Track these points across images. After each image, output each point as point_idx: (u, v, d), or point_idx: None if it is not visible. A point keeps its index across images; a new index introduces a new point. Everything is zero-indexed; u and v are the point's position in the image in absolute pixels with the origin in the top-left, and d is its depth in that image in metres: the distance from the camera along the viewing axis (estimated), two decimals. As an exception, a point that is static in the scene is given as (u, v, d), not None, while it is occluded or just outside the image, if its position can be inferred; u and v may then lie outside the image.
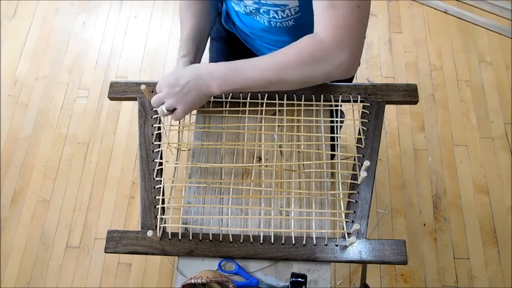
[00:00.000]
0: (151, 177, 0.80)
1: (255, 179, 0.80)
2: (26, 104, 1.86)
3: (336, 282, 1.49)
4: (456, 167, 1.65)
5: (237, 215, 0.78)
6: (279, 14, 0.83)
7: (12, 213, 1.66)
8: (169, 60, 1.93)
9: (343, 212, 0.76)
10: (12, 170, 1.73)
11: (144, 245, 0.75)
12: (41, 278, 1.55)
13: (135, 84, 0.88)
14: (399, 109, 1.76)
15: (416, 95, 0.85)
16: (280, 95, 0.86)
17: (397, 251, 0.72)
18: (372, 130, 0.82)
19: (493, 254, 1.51)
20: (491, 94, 1.78)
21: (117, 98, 0.89)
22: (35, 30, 2.03)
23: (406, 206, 1.60)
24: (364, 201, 0.76)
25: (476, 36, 1.90)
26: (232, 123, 0.86)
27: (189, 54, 0.87)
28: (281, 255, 0.73)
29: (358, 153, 0.80)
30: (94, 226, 1.62)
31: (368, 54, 1.87)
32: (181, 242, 0.75)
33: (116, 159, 1.74)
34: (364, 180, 0.77)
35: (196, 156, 0.84)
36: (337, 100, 0.85)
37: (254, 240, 0.74)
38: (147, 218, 0.77)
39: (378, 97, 0.85)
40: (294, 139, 0.83)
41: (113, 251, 0.75)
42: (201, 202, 0.79)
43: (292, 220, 0.76)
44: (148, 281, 1.53)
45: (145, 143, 0.83)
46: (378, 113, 0.83)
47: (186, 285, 0.68)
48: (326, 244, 0.73)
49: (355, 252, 0.73)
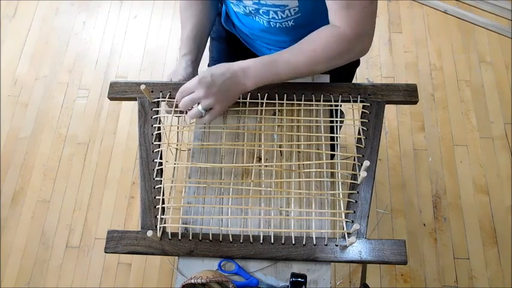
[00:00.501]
0: (151, 177, 0.80)
1: (255, 179, 0.80)
2: (26, 104, 1.86)
3: (336, 282, 1.49)
4: (456, 167, 1.65)
5: (236, 215, 0.78)
6: (279, 14, 0.83)
7: (12, 213, 1.66)
8: (169, 60, 1.93)
9: (343, 212, 0.76)
10: (12, 170, 1.73)
11: (144, 245, 0.75)
12: (41, 278, 1.55)
13: (135, 84, 0.88)
14: (399, 109, 1.76)
15: (416, 95, 0.85)
16: (280, 95, 0.86)
17: (397, 251, 0.72)
18: (372, 130, 0.82)
19: (493, 254, 1.51)
20: (491, 94, 1.78)
21: (117, 98, 0.89)
22: (35, 30, 2.03)
23: (406, 206, 1.60)
24: (364, 201, 0.76)
25: (476, 36, 1.90)
26: (232, 123, 0.86)
27: (190, 53, 0.88)
28: (281, 255, 0.73)
29: (358, 153, 0.80)
30: (94, 226, 1.62)
31: (368, 54, 1.87)
32: (181, 242, 0.75)
33: (116, 159, 1.74)
34: (364, 180, 0.77)
35: (196, 156, 0.84)
36: (337, 100, 0.85)
37: (254, 240, 0.74)
38: (147, 218, 0.77)
39: (377, 97, 0.85)
40: (293, 139, 0.83)
41: (113, 251, 0.75)
42: (201, 202, 0.79)
43: (292, 220, 0.76)
44: (148, 281, 1.53)
45: (145, 143, 0.83)
46: (378, 113, 0.83)
47: (186, 285, 0.68)
48: (326, 244, 0.73)
49: (355, 252, 0.73)
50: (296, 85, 0.87)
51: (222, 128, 0.84)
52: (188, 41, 0.88)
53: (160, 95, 0.86)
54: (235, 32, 1.05)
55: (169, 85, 0.87)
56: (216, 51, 1.11)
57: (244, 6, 0.84)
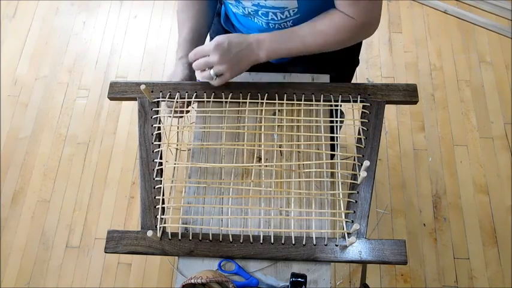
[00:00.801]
0: (151, 177, 0.80)
1: (255, 179, 0.80)
2: (26, 104, 1.86)
3: (336, 282, 1.49)
4: (456, 167, 1.65)
5: (237, 215, 0.78)
6: (278, 15, 0.83)
7: (12, 213, 1.66)
8: (169, 60, 1.93)
9: (343, 212, 0.76)
10: (12, 170, 1.73)
11: (144, 245, 0.75)
12: (41, 278, 1.55)
13: (135, 84, 0.88)
14: (399, 109, 1.76)
15: (416, 95, 0.86)
16: (280, 95, 0.86)
17: (397, 251, 0.72)
18: (372, 130, 0.82)
19: (493, 254, 1.51)
20: (491, 94, 1.78)
21: (117, 98, 0.89)
22: (35, 30, 2.03)
23: (406, 206, 1.60)
24: (364, 201, 0.76)
25: (476, 36, 1.90)
26: (232, 123, 0.86)
27: (188, 56, 0.88)
28: (281, 255, 0.73)
29: (358, 153, 0.80)
30: (94, 226, 1.62)
31: (368, 54, 1.87)
32: (181, 242, 0.75)
33: (116, 159, 1.74)
34: (364, 180, 0.77)
35: (196, 156, 0.84)
36: (337, 100, 0.85)
37: (254, 240, 0.74)
38: (147, 218, 0.77)
39: (377, 97, 0.85)
40: (293, 139, 0.83)
41: (113, 251, 0.75)
42: (201, 202, 0.79)
43: (292, 220, 0.76)
44: (148, 281, 1.53)
45: (145, 143, 0.83)
46: (378, 113, 0.83)
47: (186, 285, 0.68)
48: (326, 244, 0.73)
49: (355, 252, 0.73)
50: (296, 85, 0.87)
51: (222, 128, 0.84)
52: (185, 43, 0.88)
53: (160, 95, 0.86)
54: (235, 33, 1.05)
55: (169, 85, 0.87)
56: None
57: (243, 8, 0.84)
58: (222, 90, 0.86)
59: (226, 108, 0.86)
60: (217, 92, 0.86)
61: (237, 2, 0.83)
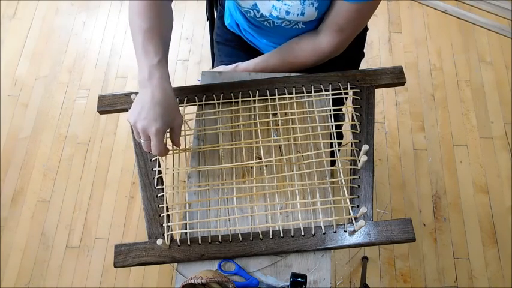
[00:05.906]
0: (152, 186, 0.79)
1: (256, 176, 0.80)
2: (26, 104, 1.86)
3: (336, 282, 1.49)
4: (456, 167, 1.65)
5: (242, 213, 0.78)
6: (300, 25, 0.86)
7: (12, 213, 1.66)
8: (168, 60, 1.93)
9: (347, 198, 0.76)
10: (12, 170, 1.73)
11: (154, 254, 0.74)
12: (41, 278, 1.55)
13: (124, 95, 0.87)
14: (399, 109, 1.76)
15: (403, 76, 0.87)
16: (271, 90, 0.86)
17: (404, 229, 0.73)
18: (365, 115, 0.83)
19: (493, 254, 1.51)
20: (491, 94, 1.78)
21: (107, 111, 0.87)
22: (35, 30, 2.03)
23: (406, 206, 1.60)
24: (367, 184, 0.77)
25: (476, 36, 1.90)
26: (227, 123, 0.86)
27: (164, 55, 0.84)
28: (292, 247, 0.73)
29: (355, 139, 0.81)
30: (94, 226, 1.62)
31: (368, 54, 1.87)
32: (191, 247, 0.74)
33: (116, 159, 1.74)
34: (364, 164, 0.78)
35: (195, 159, 0.83)
36: (327, 90, 0.85)
37: (264, 237, 0.74)
38: (153, 228, 0.76)
39: (366, 82, 0.86)
40: (290, 132, 0.84)
41: (123, 264, 0.73)
42: (206, 205, 0.79)
43: (298, 212, 0.77)
44: (148, 281, 1.53)
45: (141, 153, 0.83)
46: (369, 97, 0.85)
47: (186, 286, 0.68)
48: (335, 231, 0.74)
49: (364, 235, 0.73)
50: (285, 79, 0.88)
51: (217, 129, 0.84)
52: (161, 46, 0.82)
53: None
54: (240, 32, 1.06)
55: None
56: (225, 55, 1.10)
57: (263, 17, 0.86)
58: (212, 92, 0.86)
59: (219, 109, 0.85)
60: (208, 94, 0.86)
61: (258, 13, 0.85)
